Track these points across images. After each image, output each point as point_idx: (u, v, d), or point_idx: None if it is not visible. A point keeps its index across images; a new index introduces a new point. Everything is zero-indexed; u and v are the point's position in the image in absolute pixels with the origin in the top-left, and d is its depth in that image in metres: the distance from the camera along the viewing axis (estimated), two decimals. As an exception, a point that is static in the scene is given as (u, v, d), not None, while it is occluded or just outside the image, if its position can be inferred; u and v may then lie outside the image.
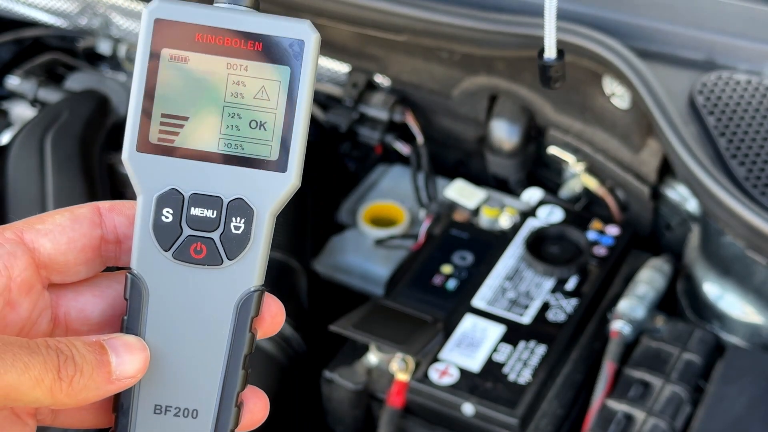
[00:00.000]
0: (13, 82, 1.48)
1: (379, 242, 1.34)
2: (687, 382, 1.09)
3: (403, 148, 1.40)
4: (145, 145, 0.48)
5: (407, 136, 1.41)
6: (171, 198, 0.48)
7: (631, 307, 1.15)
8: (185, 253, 0.49)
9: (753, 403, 1.04)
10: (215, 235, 0.49)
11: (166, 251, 0.49)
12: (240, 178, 0.48)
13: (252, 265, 0.49)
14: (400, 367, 1.09)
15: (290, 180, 0.49)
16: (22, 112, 1.49)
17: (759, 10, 1.17)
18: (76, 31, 1.60)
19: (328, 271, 1.34)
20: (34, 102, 1.46)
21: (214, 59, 0.48)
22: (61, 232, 0.49)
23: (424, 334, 1.12)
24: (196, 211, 0.48)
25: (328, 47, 1.42)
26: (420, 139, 1.39)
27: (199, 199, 0.48)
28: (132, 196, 0.50)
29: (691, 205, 1.25)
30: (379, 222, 1.37)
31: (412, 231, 1.35)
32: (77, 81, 1.47)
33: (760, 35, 1.15)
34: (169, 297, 0.49)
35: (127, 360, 0.47)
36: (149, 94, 0.48)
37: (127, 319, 0.49)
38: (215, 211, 0.48)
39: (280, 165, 0.48)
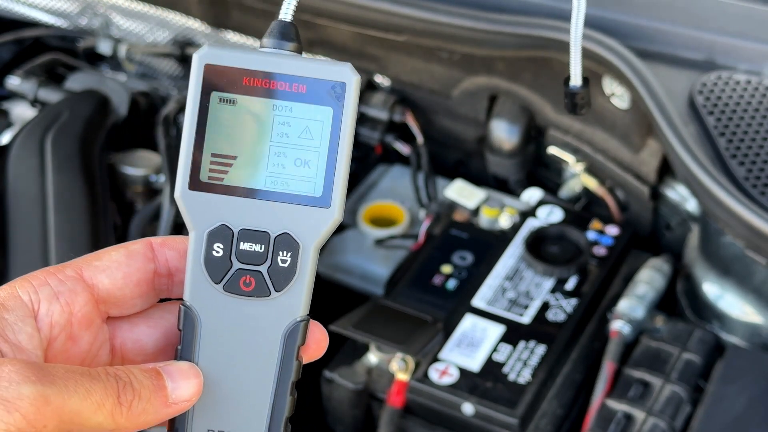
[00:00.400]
0: (13, 82, 1.48)
1: (379, 242, 1.34)
2: (687, 382, 1.09)
3: (403, 148, 1.40)
4: (196, 184, 0.51)
5: (407, 136, 1.41)
6: (221, 233, 0.51)
7: (631, 307, 1.15)
8: (235, 286, 0.51)
9: (753, 403, 1.04)
10: (263, 268, 0.51)
11: (216, 284, 0.51)
12: (286, 214, 0.51)
13: (298, 297, 0.51)
14: (400, 367, 1.09)
15: (333, 215, 0.51)
16: (22, 112, 1.49)
17: (759, 10, 1.17)
18: (76, 31, 1.60)
19: (328, 271, 1.34)
20: (35, 102, 1.46)
21: (261, 101, 0.50)
22: (117, 268, 0.51)
23: (424, 334, 1.12)
24: (245, 246, 0.51)
25: (328, 47, 1.42)
26: (420, 139, 1.39)
27: (248, 235, 0.51)
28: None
29: (691, 205, 1.25)
30: (379, 222, 1.38)
31: (412, 231, 1.35)
32: (77, 81, 1.47)
33: (760, 35, 1.15)
34: (220, 327, 0.51)
35: (182, 385, 0.49)
36: (200, 136, 0.50)
37: (181, 348, 0.51)
38: (263, 246, 0.51)
39: (324, 201, 0.51)
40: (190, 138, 0.50)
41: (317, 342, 0.53)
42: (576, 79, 0.72)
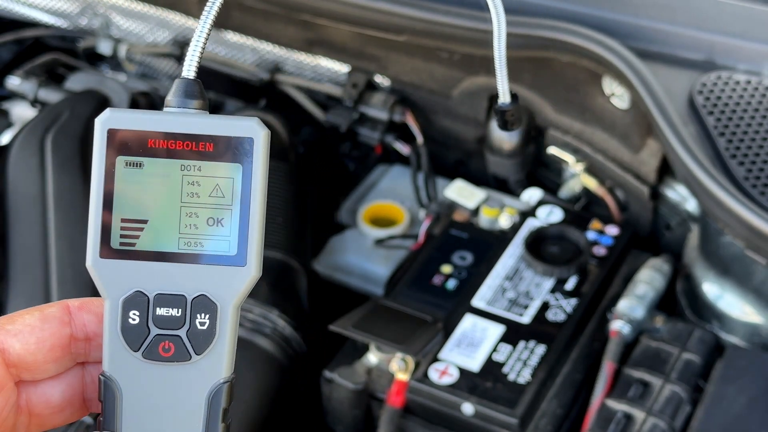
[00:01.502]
0: (13, 82, 1.48)
1: (379, 242, 1.34)
2: (686, 381, 1.09)
3: (403, 148, 1.40)
4: (107, 251, 0.50)
5: (407, 136, 1.41)
6: (136, 300, 0.50)
7: (631, 307, 1.16)
8: (154, 352, 0.50)
9: (752, 402, 1.04)
10: (182, 332, 0.50)
11: (135, 352, 0.50)
12: (202, 275, 0.50)
13: (220, 358, 0.50)
14: (400, 367, 1.09)
15: (250, 273, 0.50)
16: (22, 112, 1.49)
17: (759, 10, 1.17)
18: (76, 31, 1.60)
19: (328, 271, 1.34)
20: (35, 102, 1.46)
21: (168, 162, 0.50)
22: (30, 332, 0.50)
23: (424, 334, 1.12)
24: (161, 311, 0.50)
25: (328, 47, 1.42)
26: (420, 139, 1.40)
27: (164, 299, 0.50)
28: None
29: (691, 205, 1.25)
30: (379, 222, 1.38)
31: (412, 231, 1.35)
32: (78, 81, 1.47)
33: (760, 35, 1.15)
34: (142, 395, 0.50)
35: None
36: (108, 202, 0.50)
37: (103, 420, 0.50)
38: (180, 309, 0.50)
39: (239, 259, 0.50)
40: (98, 205, 0.50)
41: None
42: (504, 97, 0.73)
